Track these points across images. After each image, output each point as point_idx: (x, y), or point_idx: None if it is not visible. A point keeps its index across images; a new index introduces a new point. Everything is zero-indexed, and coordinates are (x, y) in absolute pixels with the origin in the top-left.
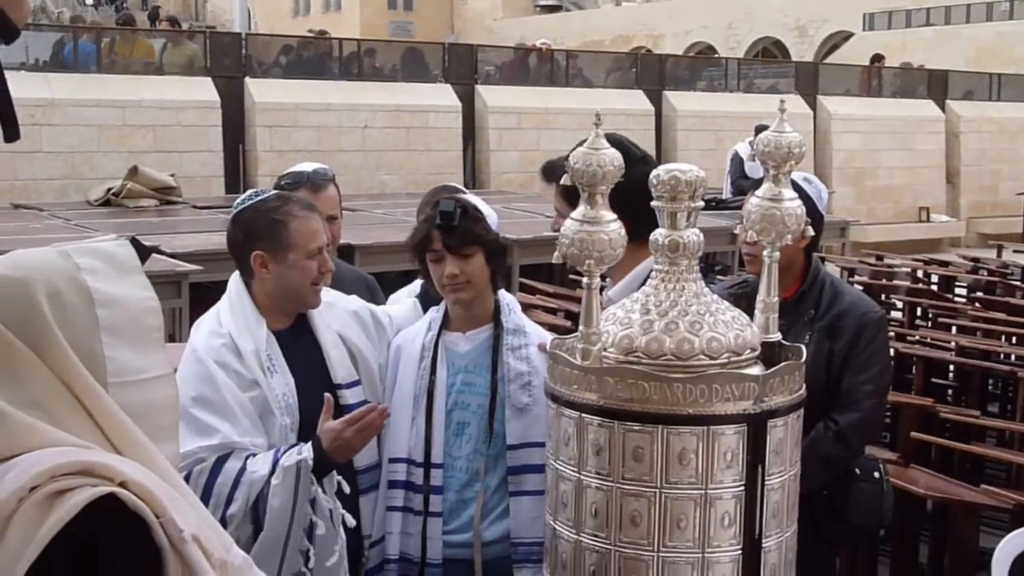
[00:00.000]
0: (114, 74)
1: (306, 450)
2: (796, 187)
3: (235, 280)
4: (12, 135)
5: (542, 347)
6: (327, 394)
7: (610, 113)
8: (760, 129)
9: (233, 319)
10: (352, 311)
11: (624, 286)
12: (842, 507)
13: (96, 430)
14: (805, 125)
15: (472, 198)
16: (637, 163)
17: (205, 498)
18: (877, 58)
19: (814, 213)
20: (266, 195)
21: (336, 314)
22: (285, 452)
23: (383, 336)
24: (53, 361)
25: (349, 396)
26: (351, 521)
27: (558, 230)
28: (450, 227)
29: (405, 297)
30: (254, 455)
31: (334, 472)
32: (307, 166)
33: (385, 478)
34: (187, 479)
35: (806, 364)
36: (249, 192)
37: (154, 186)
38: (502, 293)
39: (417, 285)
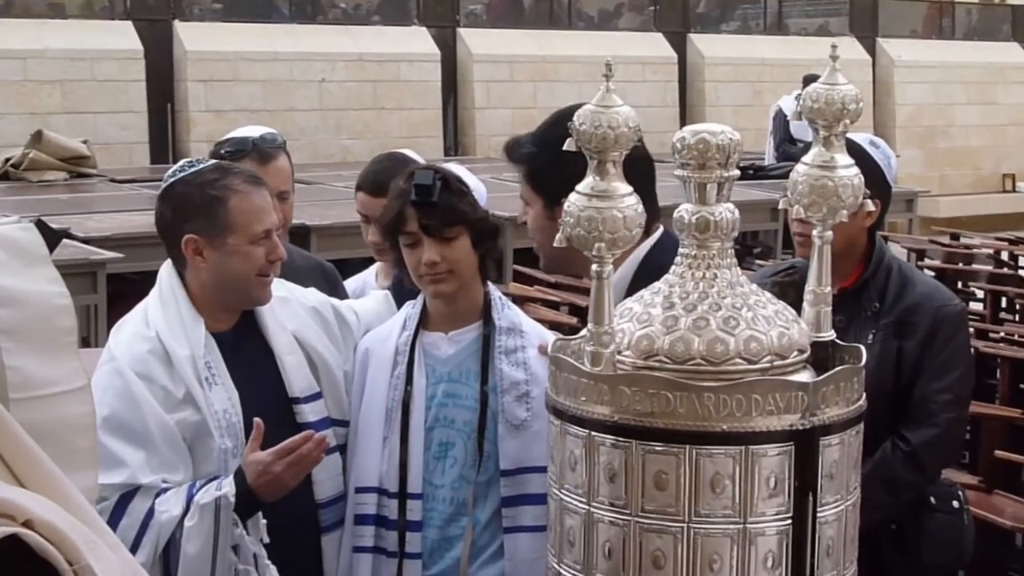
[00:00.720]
0: (11, 18)
1: (226, 484)
2: (860, 152)
3: (166, 270)
4: None
5: (543, 349)
6: (257, 419)
7: (623, 61)
8: (809, 80)
9: (164, 318)
10: (310, 307)
11: (617, 279)
12: (914, 542)
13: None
14: (862, 74)
15: (456, 168)
16: None
17: None
18: None
19: (882, 184)
20: (202, 166)
21: (291, 311)
22: (201, 487)
23: (349, 338)
24: None
25: (308, 412)
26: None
27: (525, 223)
28: (428, 204)
29: (362, 285)
30: (165, 491)
31: (259, 514)
32: (252, 130)
33: (352, 512)
34: None
35: (869, 368)
36: (182, 162)
37: (63, 155)
38: (491, 286)
39: (375, 270)
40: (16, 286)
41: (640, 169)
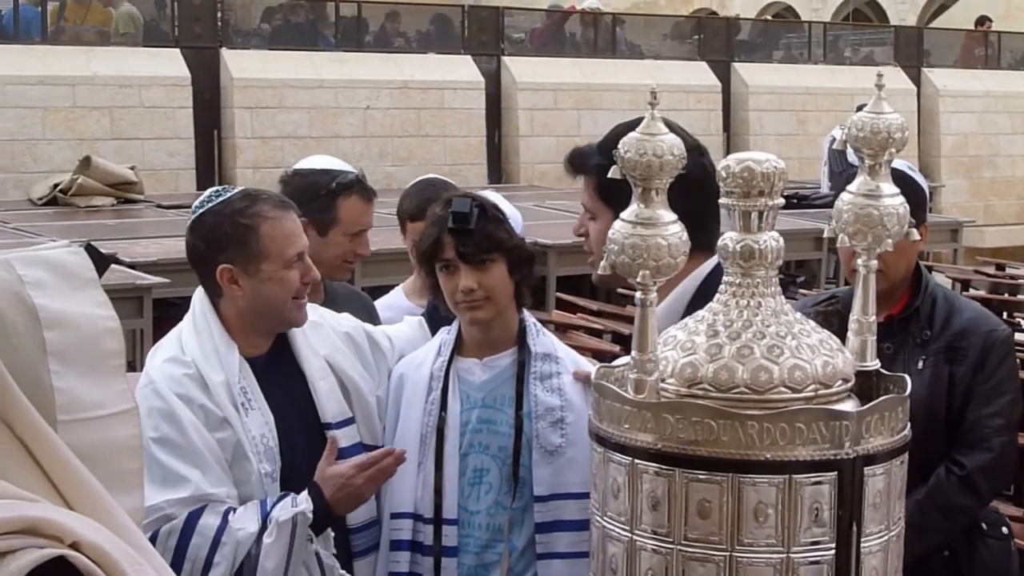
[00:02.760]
0: (62, 45)
1: (303, 500)
2: (905, 177)
3: (199, 297)
4: None
5: (578, 376)
6: (332, 433)
7: (667, 90)
8: (861, 110)
9: (198, 344)
10: (344, 332)
11: (668, 306)
12: (967, 570)
13: (42, 479)
14: (907, 104)
15: (492, 195)
16: (689, 153)
17: (177, 563)
18: (982, 21)
19: (924, 212)
20: (230, 194)
21: (324, 336)
22: (276, 504)
23: (382, 363)
24: None
25: (341, 437)
26: None
27: (583, 234)
28: (465, 231)
29: (383, 308)
30: (233, 509)
31: (329, 529)
32: (329, 161)
33: (387, 538)
34: (153, 541)
35: (920, 395)
36: (208, 192)
37: (110, 181)
38: (526, 312)
39: (401, 289)
40: (65, 309)
41: (702, 193)
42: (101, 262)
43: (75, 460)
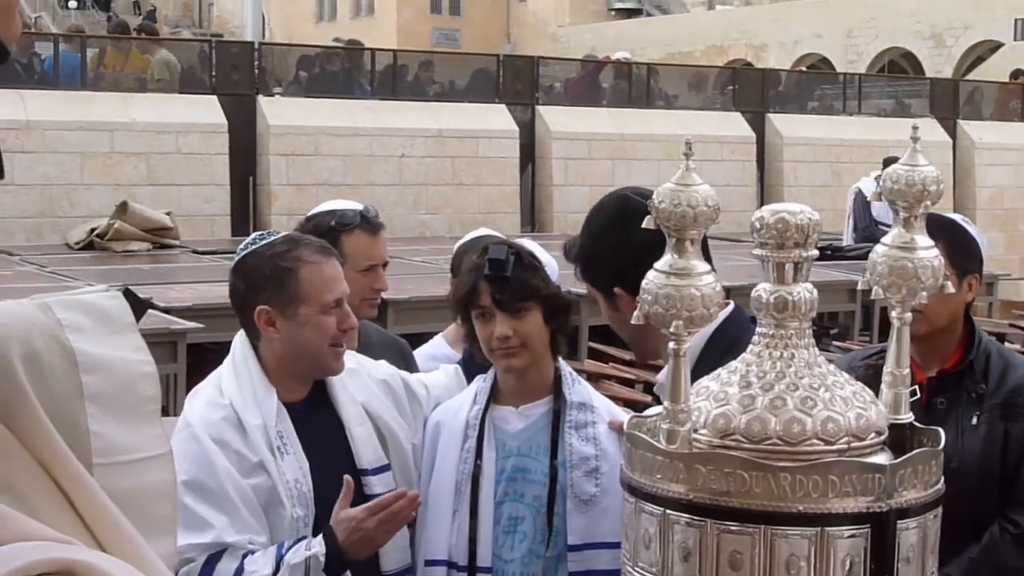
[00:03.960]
0: (101, 91)
1: (316, 544)
2: (960, 230)
3: (240, 341)
4: None
5: (613, 426)
6: (347, 476)
7: (701, 140)
8: (889, 162)
9: (237, 387)
10: (381, 380)
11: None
12: None
13: (77, 520)
14: (943, 156)
15: (529, 243)
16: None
17: None
18: (1017, 74)
19: (979, 263)
20: (273, 238)
21: (361, 383)
22: (290, 547)
23: (418, 411)
24: (27, 436)
25: (376, 484)
26: None
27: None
28: (501, 278)
29: (426, 357)
30: (252, 552)
31: (348, 573)
32: (338, 204)
33: None
34: None
35: (974, 451)
36: (254, 235)
37: (147, 226)
38: (562, 361)
39: (438, 341)
40: (102, 353)
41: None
42: (139, 307)
43: (110, 503)
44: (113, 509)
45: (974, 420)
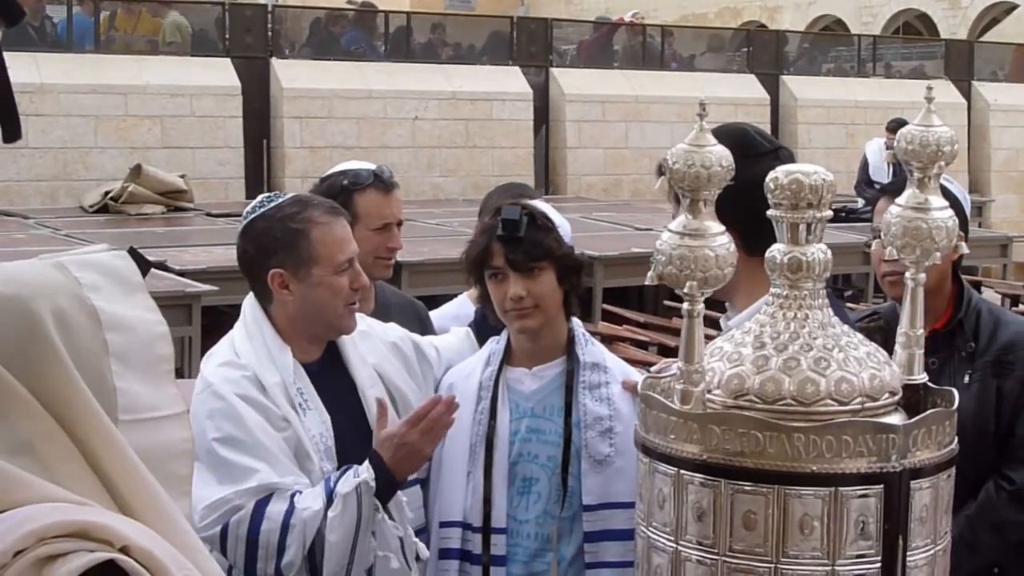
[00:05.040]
0: (114, 54)
1: (364, 470)
2: (944, 190)
3: (250, 304)
4: (13, 134)
5: (627, 386)
6: (380, 397)
7: (715, 102)
8: (897, 125)
9: (252, 348)
10: (390, 342)
11: (750, 315)
12: None
13: (96, 483)
14: (957, 118)
15: (541, 204)
16: (765, 158)
17: (251, 551)
18: None
19: (965, 221)
20: (281, 200)
21: (372, 345)
22: (340, 478)
23: (428, 373)
24: (58, 395)
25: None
26: (425, 553)
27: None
28: (515, 238)
29: (450, 317)
30: (300, 492)
31: (400, 494)
32: (353, 165)
33: (436, 546)
34: (224, 533)
35: (969, 410)
36: (260, 198)
37: (161, 189)
38: (576, 321)
39: (463, 300)
40: (121, 312)
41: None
42: (144, 267)
43: (137, 460)
44: (140, 466)
45: (966, 379)
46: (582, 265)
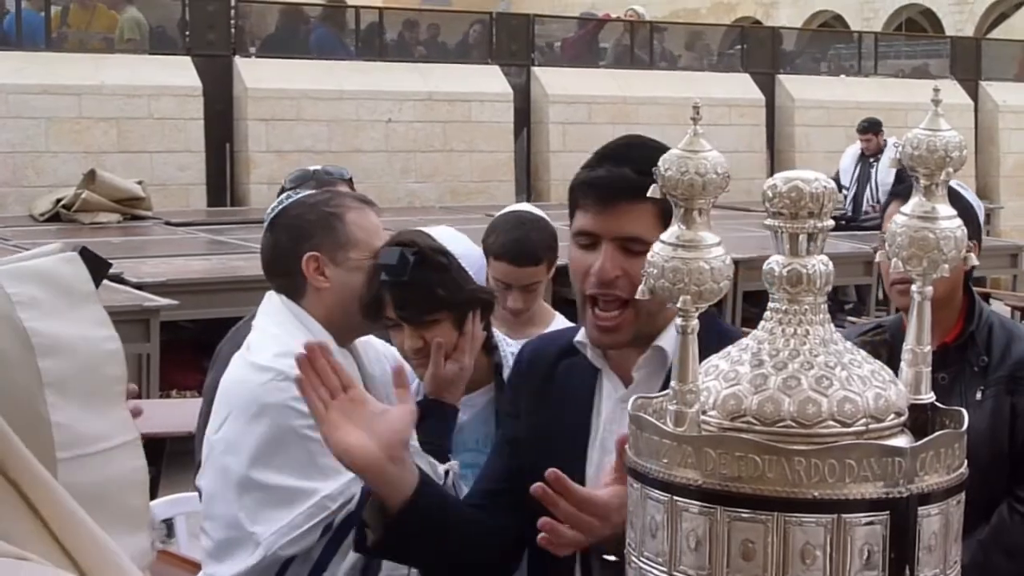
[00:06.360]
0: (66, 52)
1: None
2: (956, 195)
3: (279, 301)
4: None
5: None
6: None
7: (708, 103)
8: (867, 127)
9: (306, 339)
10: (382, 355)
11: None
12: None
13: (44, 534)
14: (964, 120)
15: (442, 234)
16: None
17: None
18: None
19: (979, 229)
20: (308, 192)
21: (374, 357)
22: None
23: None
24: None
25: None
26: None
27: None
28: (400, 284)
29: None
30: None
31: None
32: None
33: None
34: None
35: (980, 428)
36: (281, 197)
37: (117, 196)
38: (500, 340)
39: None
40: (61, 331)
41: None
42: (98, 268)
43: (76, 507)
44: (80, 513)
45: (979, 395)
46: (491, 304)
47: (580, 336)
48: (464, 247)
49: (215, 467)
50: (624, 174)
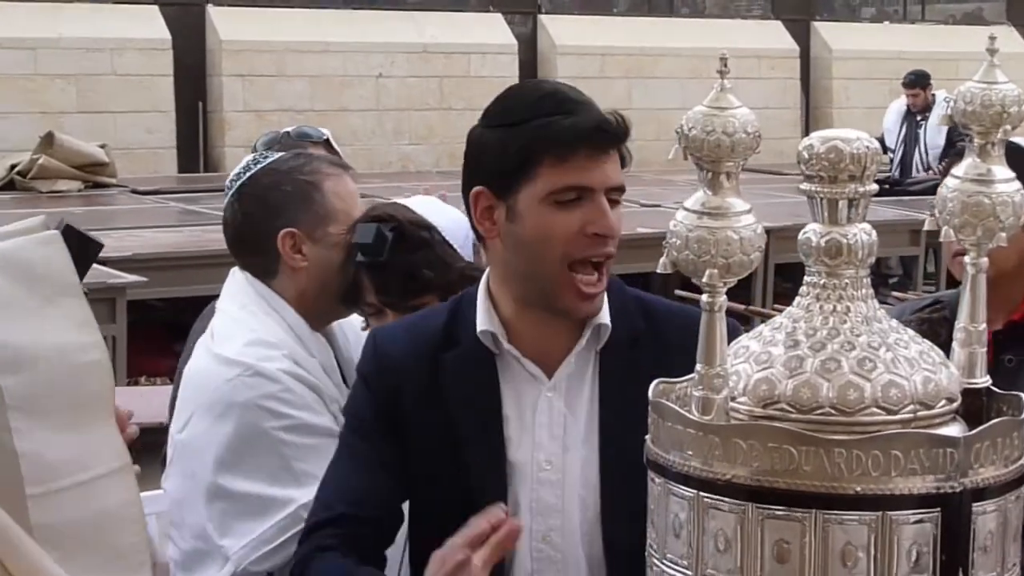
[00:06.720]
0: (19, 1)
1: None
2: (1013, 154)
3: (246, 280)
4: None
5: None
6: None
7: (735, 55)
8: (915, 80)
9: (277, 327)
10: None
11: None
12: None
13: None
14: (1022, 71)
15: (419, 204)
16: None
17: None
18: None
19: None
20: (278, 155)
21: (354, 340)
22: None
23: None
24: None
25: None
26: None
27: None
28: (378, 265)
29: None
30: None
31: None
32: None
33: None
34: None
35: None
36: (248, 159)
37: (77, 162)
38: None
39: None
40: (29, 341)
41: None
42: (86, 251)
43: (43, 560)
44: (47, 567)
45: None
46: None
47: (484, 324)
48: (448, 219)
49: (181, 471)
50: (608, 119)
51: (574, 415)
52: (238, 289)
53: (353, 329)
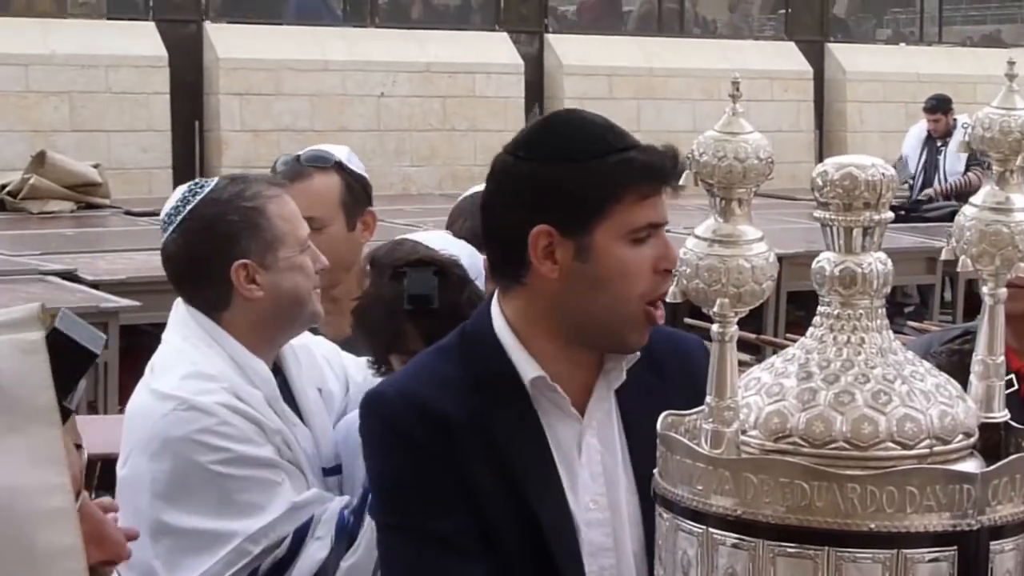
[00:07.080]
0: (11, 16)
1: None
2: None
3: (190, 314)
4: None
5: None
6: None
7: (747, 76)
8: (938, 105)
9: (218, 359)
10: (324, 356)
11: None
12: None
13: None
14: None
15: (441, 242)
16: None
17: None
18: None
19: None
20: (212, 183)
21: (314, 361)
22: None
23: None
24: None
25: (331, 485)
26: None
27: None
28: (428, 312)
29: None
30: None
31: None
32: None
33: None
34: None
35: None
36: (181, 191)
37: (69, 182)
38: None
39: None
40: None
41: None
42: (74, 361)
43: None
44: None
45: None
46: None
47: (531, 370)
48: (466, 254)
49: (125, 507)
50: (674, 155)
51: (609, 451)
52: (181, 321)
53: (307, 353)
